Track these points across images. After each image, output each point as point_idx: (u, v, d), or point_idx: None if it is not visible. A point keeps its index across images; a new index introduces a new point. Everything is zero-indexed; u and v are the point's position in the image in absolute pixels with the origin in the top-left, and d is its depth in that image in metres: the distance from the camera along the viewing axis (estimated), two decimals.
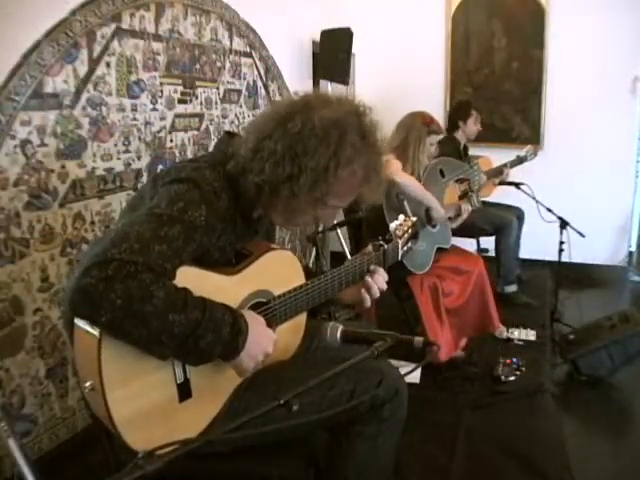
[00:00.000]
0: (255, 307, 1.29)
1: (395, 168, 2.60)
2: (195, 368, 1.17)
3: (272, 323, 1.29)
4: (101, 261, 1.01)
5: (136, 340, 1.06)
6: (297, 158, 1.21)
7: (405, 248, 1.70)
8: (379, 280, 1.51)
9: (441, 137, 2.93)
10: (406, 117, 2.84)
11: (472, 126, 3.86)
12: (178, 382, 1.17)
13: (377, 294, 1.49)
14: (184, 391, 1.18)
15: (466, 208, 2.86)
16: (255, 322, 1.21)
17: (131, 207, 1.31)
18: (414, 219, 1.76)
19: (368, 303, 1.50)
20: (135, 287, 1.01)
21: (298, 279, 1.39)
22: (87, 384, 1.07)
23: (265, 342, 1.22)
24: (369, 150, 1.27)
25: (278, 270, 1.35)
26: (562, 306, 3.54)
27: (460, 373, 2.74)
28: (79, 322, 1.09)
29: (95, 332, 1.05)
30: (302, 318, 1.43)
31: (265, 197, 1.27)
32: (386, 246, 1.58)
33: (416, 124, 2.76)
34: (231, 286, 1.25)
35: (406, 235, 1.69)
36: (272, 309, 1.31)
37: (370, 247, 1.56)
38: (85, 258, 1.08)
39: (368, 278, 1.49)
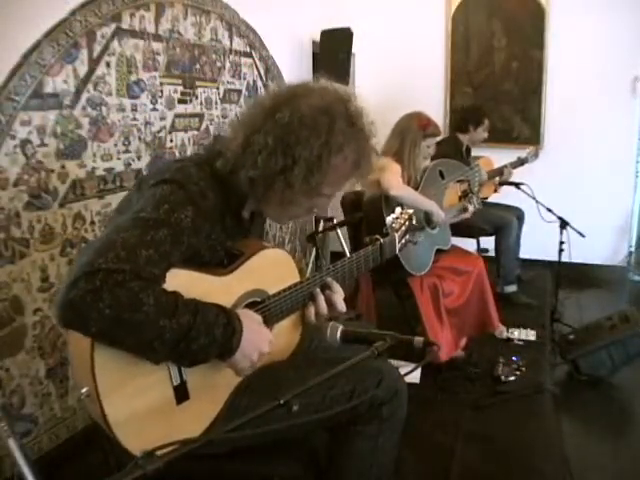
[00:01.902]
0: (250, 306, 1.28)
1: (393, 177, 2.58)
2: (192, 369, 1.16)
3: (268, 322, 1.29)
4: (88, 272, 0.99)
5: (128, 347, 1.06)
6: (289, 149, 1.21)
7: (403, 241, 1.69)
8: (333, 297, 1.38)
9: (438, 139, 2.88)
10: (402, 119, 2.79)
11: (481, 133, 3.91)
12: (174, 384, 1.16)
13: (324, 310, 1.37)
14: (181, 393, 1.17)
15: (470, 208, 2.85)
16: (251, 321, 1.20)
17: (119, 211, 1.30)
18: (410, 211, 1.75)
19: (312, 318, 1.37)
20: (124, 296, 1.00)
21: (292, 277, 1.38)
22: (83, 391, 1.07)
23: (260, 341, 1.21)
24: (358, 136, 1.28)
25: (272, 269, 1.34)
26: (562, 306, 3.54)
27: (460, 373, 2.75)
28: None
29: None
30: (300, 316, 1.42)
31: (260, 191, 1.26)
32: (382, 240, 1.58)
33: (412, 127, 2.71)
34: (224, 287, 1.24)
35: (403, 228, 1.69)
36: (267, 308, 1.30)
37: (367, 241, 1.56)
38: (74, 267, 1.07)
39: (317, 290, 1.38)
